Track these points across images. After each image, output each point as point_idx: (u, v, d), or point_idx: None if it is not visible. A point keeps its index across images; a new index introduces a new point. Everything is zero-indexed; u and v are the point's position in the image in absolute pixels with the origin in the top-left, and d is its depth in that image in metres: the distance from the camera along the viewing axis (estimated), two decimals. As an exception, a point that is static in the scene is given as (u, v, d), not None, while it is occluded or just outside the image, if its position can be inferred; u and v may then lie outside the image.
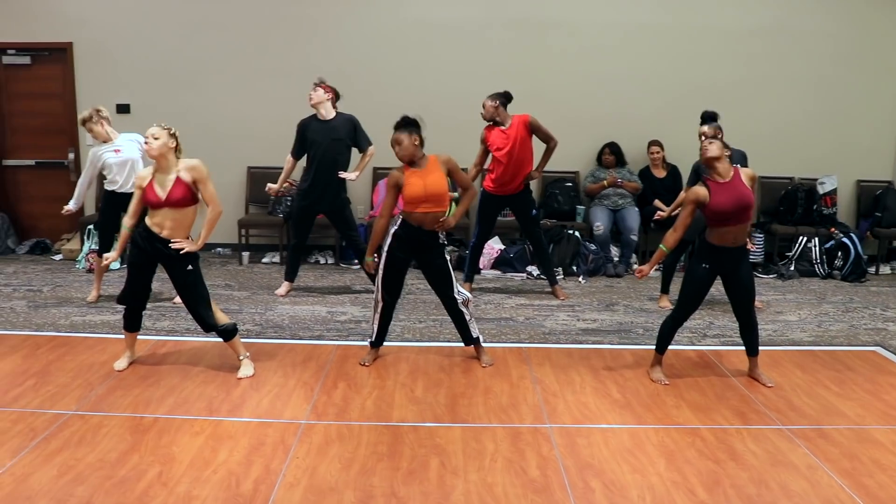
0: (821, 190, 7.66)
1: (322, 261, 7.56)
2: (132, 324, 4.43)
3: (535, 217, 6.29)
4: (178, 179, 4.11)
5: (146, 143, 4.09)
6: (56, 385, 4.17)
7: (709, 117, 5.91)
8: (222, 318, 4.32)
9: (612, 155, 7.53)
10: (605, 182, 7.39)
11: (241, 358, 4.38)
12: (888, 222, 7.61)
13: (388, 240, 4.40)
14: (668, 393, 4.21)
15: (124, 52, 7.68)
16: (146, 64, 7.69)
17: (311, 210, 6.08)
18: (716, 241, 4.17)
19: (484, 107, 6.01)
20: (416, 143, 4.44)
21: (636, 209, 7.35)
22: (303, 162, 6.14)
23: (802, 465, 3.39)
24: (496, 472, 3.25)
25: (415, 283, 6.50)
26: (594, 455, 3.43)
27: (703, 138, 5.31)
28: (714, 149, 4.14)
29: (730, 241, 4.17)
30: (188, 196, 4.13)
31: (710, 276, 4.25)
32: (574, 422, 3.81)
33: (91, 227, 7.25)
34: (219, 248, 7.84)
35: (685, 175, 7.47)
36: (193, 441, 3.50)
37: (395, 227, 4.41)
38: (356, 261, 7.34)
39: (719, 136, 4.80)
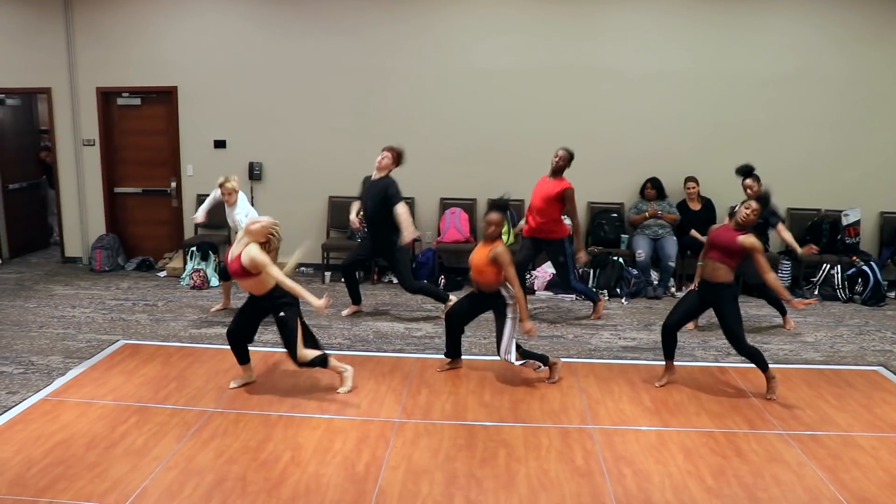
0: (845, 221, 8.38)
1: (395, 280, 8.48)
2: (238, 358, 5.25)
3: (563, 263, 6.99)
4: (238, 254, 4.87)
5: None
6: (194, 388, 5.20)
7: (749, 171, 6.80)
8: (309, 353, 5.03)
9: (653, 189, 8.35)
10: (646, 213, 8.23)
11: (344, 373, 5.18)
12: (908, 251, 8.33)
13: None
14: (692, 402, 5.10)
15: (221, 94, 8.72)
16: (240, 105, 8.71)
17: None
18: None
19: (558, 154, 6.86)
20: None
21: (674, 238, 8.16)
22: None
23: (794, 462, 4.26)
24: (550, 461, 4.19)
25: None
26: (627, 450, 4.35)
27: (748, 191, 6.36)
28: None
29: (704, 274, 5.19)
30: (240, 269, 4.88)
31: (695, 299, 5.24)
32: (612, 424, 4.72)
33: (194, 248, 8.33)
34: (303, 268, 8.85)
35: (718, 208, 8.33)
36: (313, 433, 4.49)
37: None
38: (425, 281, 8.29)
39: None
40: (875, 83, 8.42)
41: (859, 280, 8.00)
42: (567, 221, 7.03)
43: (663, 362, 5.55)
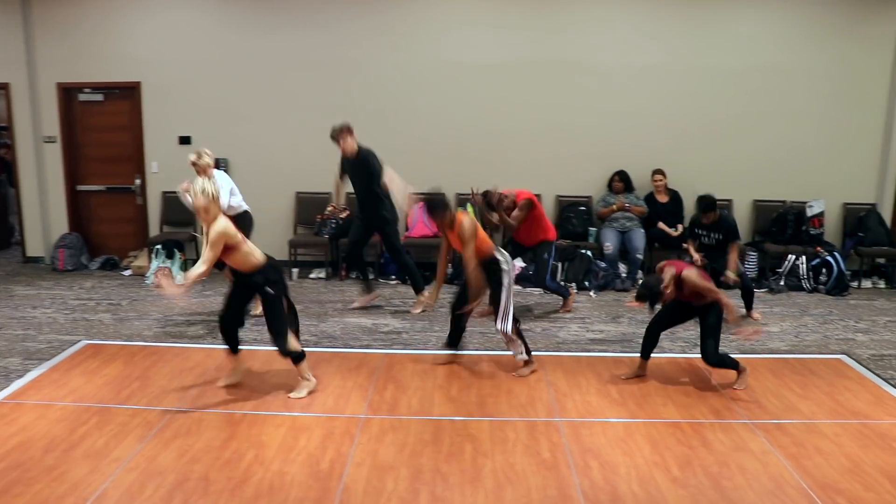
0: (809, 212, 8.47)
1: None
2: (230, 346, 5.10)
3: (546, 261, 7.00)
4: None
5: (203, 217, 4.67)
6: (157, 387, 5.11)
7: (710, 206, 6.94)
8: (294, 343, 4.97)
9: (621, 182, 8.38)
10: (614, 206, 8.25)
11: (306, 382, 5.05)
12: (871, 241, 8.42)
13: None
14: (658, 393, 5.10)
15: (186, 90, 8.61)
16: (205, 100, 8.62)
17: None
18: None
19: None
20: None
21: (642, 231, 8.20)
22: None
23: (758, 450, 4.28)
24: (516, 454, 4.17)
25: (445, 297, 7.41)
26: (594, 442, 4.34)
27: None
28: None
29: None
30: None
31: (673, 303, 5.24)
32: (579, 416, 4.72)
33: (159, 246, 8.23)
34: (270, 265, 8.75)
35: (686, 201, 8.38)
36: (277, 431, 4.43)
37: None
38: (393, 277, 8.28)
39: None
40: (839, 76, 8.52)
41: (823, 270, 8.09)
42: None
43: (632, 354, 5.56)
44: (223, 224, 4.61)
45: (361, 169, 6.78)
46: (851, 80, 8.52)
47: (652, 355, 5.39)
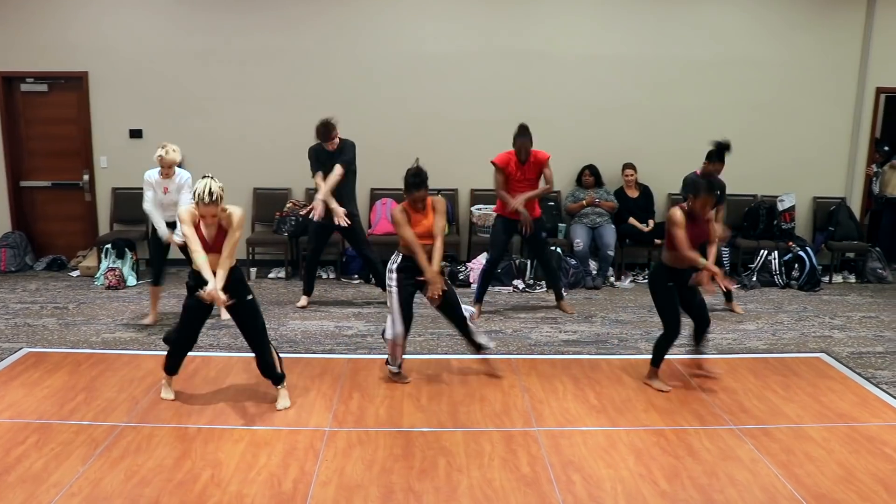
0: (780, 206, 8.34)
1: (324, 275, 8.13)
2: (175, 368, 4.71)
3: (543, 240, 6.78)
4: (219, 227, 4.44)
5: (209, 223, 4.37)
6: (104, 399, 4.75)
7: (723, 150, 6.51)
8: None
9: (591, 176, 8.15)
10: (584, 202, 8.02)
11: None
12: (841, 235, 8.32)
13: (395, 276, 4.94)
14: (639, 398, 4.87)
15: (136, 81, 8.18)
16: (157, 92, 8.19)
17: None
18: (671, 263, 4.85)
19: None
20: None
21: (612, 226, 7.98)
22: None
23: (747, 459, 4.06)
24: (494, 469, 3.90)
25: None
26: (575, 454, 4.09)
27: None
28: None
29: (683, 264, 4.84)
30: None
31: (675, 291, 4.94)
32: (558, 425, 4.46)
33: (108, 245, 7.81)
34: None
35: (657, 195, 8.20)
36: (235, 447, 4.11)
37: (397, 264, 4.96)
38: (356, 276, 7.97)
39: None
40: (808, 68, 8.43)
41: (796, 265, 7.96)
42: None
43: (606, 356, 5.34)
44: (240, 210, 4.46)
45: (348, 160, 6.57)
46: (820, 72, 8.43)
47: (628, 356, 5.17)
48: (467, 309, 5.17)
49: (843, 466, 4.01)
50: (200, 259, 4.34)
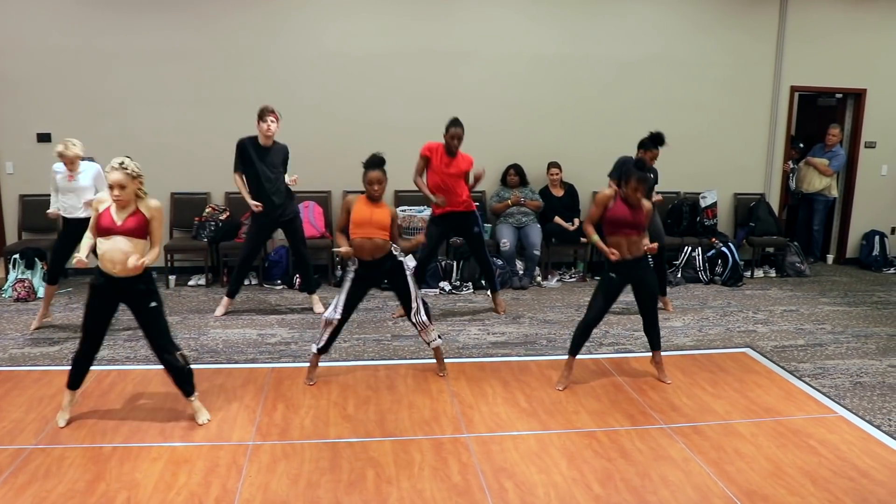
0: (703, 203, 8.46)
1: (246, 282, 7.87)
2: (77, 381, 4.42)
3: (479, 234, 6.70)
4: (137, 211, 4.22)
5: (116, 195, 4.14)
6: (10, 420, 4.45)
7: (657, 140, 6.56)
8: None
9: (516, 175, 8.12)
10: (509, 201, 7.99)
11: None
12: (761, 231, 8.49)
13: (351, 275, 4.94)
14: (569, 400, 4.83)
15: (44, 82, 7.79)
16: (65, 93, 7.82)
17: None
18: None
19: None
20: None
21: (538, 226, 7.96)
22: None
23: (679, 458, 4.05)
24: (424, 479, 3.79)
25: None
26: (507, 460, 4.01)
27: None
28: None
29: (625, 253, 4.81)
30: (142, 228, 4.21)
31: (620, 285, 4.92)
32: (488, 430, 4.38)
33: (17, 255, 7.42)
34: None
35: (581, 194, 8.22)
36: (153, 466, 3.90)
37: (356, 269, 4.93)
38: (279, 281, 7.76)
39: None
40: (726, 67, 8.59)
41: (719, 261, 8.07)
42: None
43: (536, 358, 5.30)
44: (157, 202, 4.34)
45: (279, 156, 6.43)
46: (739, 69, 8.60)
47: (558, 357, 5.14)
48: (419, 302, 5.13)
49: (772, 461, 4.03)
50: (87, 237, 4.30)
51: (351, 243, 4.90)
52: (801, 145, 9.32)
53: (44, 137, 7.88)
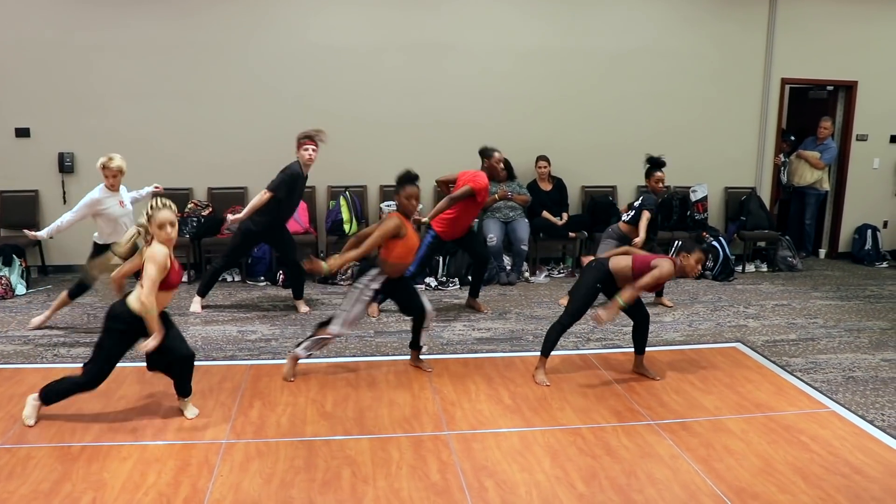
0: (693, 197, 8.35)
1: (229, 278, 7.75)
2: (54, 402, 4.32)
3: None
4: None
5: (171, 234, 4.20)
6: (-23, 419, 4.33)
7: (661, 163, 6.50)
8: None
9: (503, 169, 7.96)
10: (496, 196, 7.83)
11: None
12: (752, 225, 8.38)
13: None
14: (554, 396, 4.70)
15: (22, 75, 7.62)
16: (45, 88, 7.66)
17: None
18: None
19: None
20: None
21: (526, 221, 7.82)
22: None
23: (667, 455, 3.92)
24: (402, 478, 3.66)
25: (318, 297, 6.85)
26: (488, 458, 3.88)
27: (660, 184, 6.44)
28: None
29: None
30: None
31: (601, 293, 4.84)
32: (470, 428, 4.25)
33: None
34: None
35: (570, 188, 8.09)
36: (122, 466, 3.75)
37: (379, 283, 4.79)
38: (262, 278, 7.63)
39: None
40: (717, 60, 8.49)
41: (710, 256, 7.96)
42: None
43: (521, 354, 5.22)
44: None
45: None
46: (729, 62, 8.50)
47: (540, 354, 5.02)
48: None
49: (762, 458, 3.91)
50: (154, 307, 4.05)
51: (386, 265, 4.75)
52: (793, 138, 9.22)
53: (22, 132, 7.72)
